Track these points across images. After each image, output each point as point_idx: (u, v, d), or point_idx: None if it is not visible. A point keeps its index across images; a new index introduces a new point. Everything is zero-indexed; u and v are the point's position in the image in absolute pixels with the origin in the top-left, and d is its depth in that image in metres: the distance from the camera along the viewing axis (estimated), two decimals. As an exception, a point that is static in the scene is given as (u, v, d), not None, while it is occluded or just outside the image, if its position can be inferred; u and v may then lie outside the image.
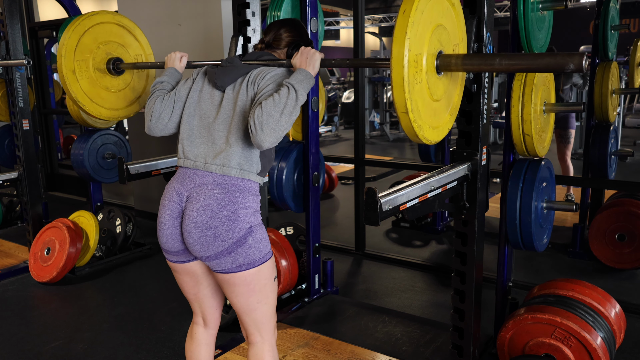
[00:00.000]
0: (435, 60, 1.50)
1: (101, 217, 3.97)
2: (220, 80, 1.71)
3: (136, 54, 2.79)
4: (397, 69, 1.34)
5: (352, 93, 11.49)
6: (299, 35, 1.91)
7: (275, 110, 1.52)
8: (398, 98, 1.37)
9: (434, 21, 1.46)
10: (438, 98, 1.56)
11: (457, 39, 1.64)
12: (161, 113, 1.80)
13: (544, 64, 1.41)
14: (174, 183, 1.70)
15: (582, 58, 1.30)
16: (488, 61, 1.52)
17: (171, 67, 1.99)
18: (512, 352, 2.17)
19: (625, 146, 8.06)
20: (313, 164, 2.97)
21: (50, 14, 8.60)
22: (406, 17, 1.34)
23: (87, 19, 2.56)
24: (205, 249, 1.60)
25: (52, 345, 2.73)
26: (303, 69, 1.66)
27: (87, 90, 2.58)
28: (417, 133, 1.45)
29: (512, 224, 2.25)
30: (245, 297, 1.67)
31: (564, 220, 4.58)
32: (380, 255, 3.91)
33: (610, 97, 3.51)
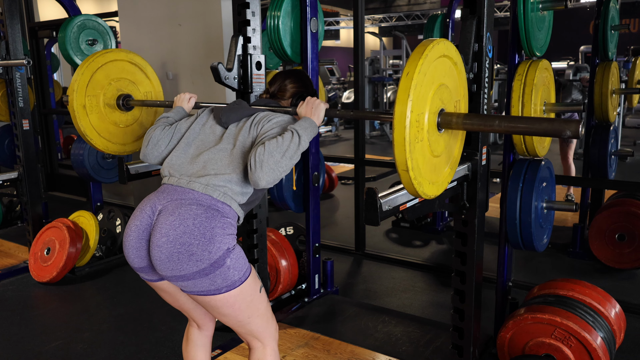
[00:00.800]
0: (437, 118, 1.53)
1: (101, 217, 3.97)
2: (225, 117, 1.73)
3: (146, 91, 2.84)
4: (399, 129, 1.37)
5: (352, 93, 11.49)
6: (304, 86, 1.96)
7: (277, 151, 1.53)
8: (399, 157, 1.39)
9: (437, 81, 1.50)
10: (438, 154, 1.59)
11: (459, 96, 1.68)
12: (158, 141, 1.81)
13: (542, 129, 1.44)
14: (152, 196, 1.63)
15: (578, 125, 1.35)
16: (488, 122, 1.55)
17: (179, 106, 2.03)
18: (512, 352, 2.17)
19: (625, 146, 8.06)
20: (313, 164, 2.97)
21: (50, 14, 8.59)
22: (409, 79, 1.37)
23: (102, 56, 2.64)
24: (178, 267, 1.49)
25: (52, 345, 2.73)
26: (308, 118, 1.71)
27: (96, 125, 2.65)
28: (417, 189, 1.48)
29: (512, 224, 2.25)
30: (234, 317, 1.62)
31: (564, 220, 4.58)
32: (380, 255, 3.91)
33: (610, 97, 3.51)
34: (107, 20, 4.99)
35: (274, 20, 2.88)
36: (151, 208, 1.58)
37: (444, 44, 1.49)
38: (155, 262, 1.52)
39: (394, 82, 11.05)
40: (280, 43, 2.91)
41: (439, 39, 1.48)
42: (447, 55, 1.54)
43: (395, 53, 12.64)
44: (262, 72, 2.56)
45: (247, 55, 2.51)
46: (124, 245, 1.61)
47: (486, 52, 1.91)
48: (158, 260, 1.51)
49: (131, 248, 1.59)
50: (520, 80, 2.19)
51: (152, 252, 1.52)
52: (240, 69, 2.52)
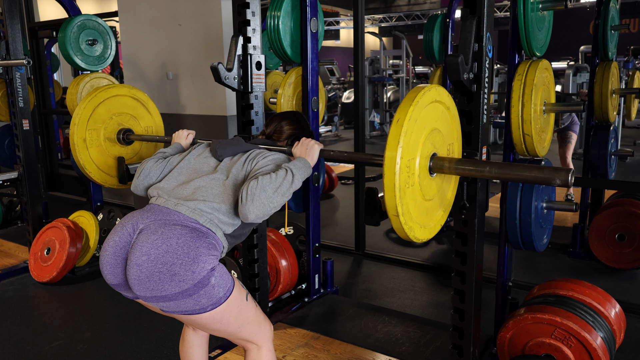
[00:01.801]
0: (429, 162, 1.55)
1: (101, 217, 3.97)
2: (221, 150, 1.75)
3: (147, 126, 2.87)
4: (389, 175, 1.39)
5: (352, 93, 11.48)
6: (300, 128, 1.98)
7: (270, 187, 1.53)
8: (389, 202, 1.41)
9: (429, 126, 1.52)
10: (430, 198, 1.60)
11: (452, 139, 1.69)
12: (150, 172, 1.82)
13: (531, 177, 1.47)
14: (135, 213, 1.59)
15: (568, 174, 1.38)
16: (479, 168, 1.57)
17: (177, 142, 2.05)
18: (512, 352, 2.17)
19: (625, 146, 8.06)
20: (313, 164, 2.97)
21: (50, 14, 8.59)
22: (399, 126, 1.39)
23: (104, 91, 2.67)
24: (159, 287, 1.43)
25: (52, 345, 2.73)
26: (303, 158, 1.73)
27: (96, 158, 2.69)
28: (408, 234, 1.49)
29: (512, 224, 2.25)
30: (223, 330, 1.61)
31: (564, 220, 4.58)
32: (380, 255, 3.91)
33: (610, 97, 3.51)
34: (107, 20, 5.00)
35: (274, 20, 2.88)
36: (132, 226, 1.54)
37: (435, 90, 1.50)
38: (133, 282, 1.46)
39: (394, 82, 11.05)
40: (280, 43, 2.91)
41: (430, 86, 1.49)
42: (439, 100, 1.55)
43: (395, 53, 12.63)
44: (262, 72, 2.56)
45: (247, 55, 2.51)
46: (100, 260, 1.56)
47: (486, 52, 1.91)
48: (137, 279, 1.44)
49: (106, 264, 1.54)
50: (520, 80, 2.19)
51: (129, 270, 1.46)
52: (240, 69, 2.52)
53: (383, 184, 1.40)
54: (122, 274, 1.53)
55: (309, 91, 2.90)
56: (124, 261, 1.52)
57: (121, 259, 1.52)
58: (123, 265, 1.52)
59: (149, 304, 1.52)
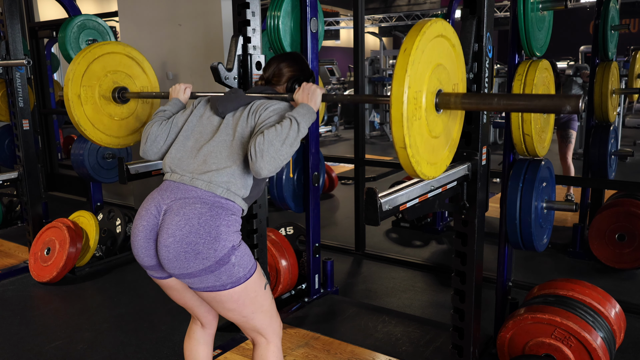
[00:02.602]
0: (435, 98, 1.52)
1: (101, 217, 3.97)
2: (222, 107, 1.73)
3: (142, 86, 2.83)
4: (397, 105, 1.36)
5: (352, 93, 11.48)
6: (299, 69, 1.93)
7: (277, 140, 1.53)
8: (397, 133, 1.38)
9: (434, 60, 1.49)
10: (437, 135, 1.58)
11: (457, 79, 1.67)
12: (157, 137, 1.81)
13: (541, 105, 1.43)
14: (155, 194, 1.64)
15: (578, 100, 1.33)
16: (486, 100, 1.54)
17: (175, 98, 2.02)
18: (512, 352, 2.17)
19: (625, 146, 8.06)
20: (313, 164, 2.97)
21: (50, 14, 8.59)
22: (407, 55, 1.36)
23: (98, 48, 2.61)
24: (185, 265, 1.53)
25: (52, 345, 2.73)
26: (305, 104, 1.69)
27: (91, 116, 2.62)
28: (415, 168, 1.47)
29: (512, 224, 2.25)
30: (238, 312, 1.64)
31: (564, 220, 4.58)
32: (380, 255, 3.91)
33: (610, 97, 3.51)
34: (107, 20, 4.99)
35: (274, 20, 2.88)
36: (156, 208, 1.60)
37: (441, 24, 1.48)
38: (163, 261, 1.56)
39: (394, 82, 11.02)
40: (280, 43, 2.91)
41: (436, 19, 1.46)
42: (445, 35, 1.52)
43: (395, 53, 12.63)
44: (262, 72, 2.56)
45: (247, 55, 2.51)
46: (133, 244, 1.64)
47: (486, 52, 1.91)
48: (166, 259, 1.54)
49: (140, 248, 1.62)
50: (520, 80, 2.19)
51: (159, 251, 1.55)
52: (240, 69, 2.52)
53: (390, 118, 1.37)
54: (155, 255, 1.61)
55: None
56: (155, 242, 1.60)
57: (152, 241, 1.60)
58: (155, 246, 1.60)
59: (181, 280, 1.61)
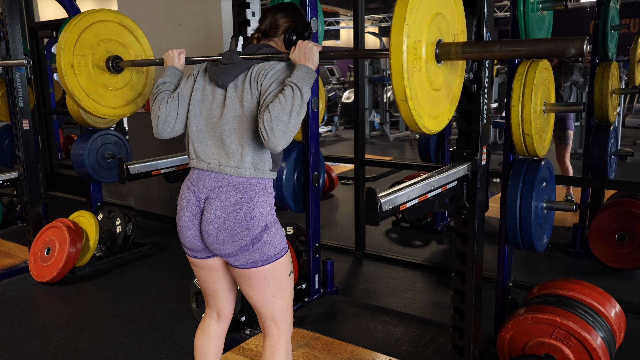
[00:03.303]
0: (435, 49, 1.48)
1: (101, 217, 3.97)
2: (221, 79, 1.71)
3: (136, 55, 2.78)
4: (396, 55, 1.32)
5: (352, 93, 11.48)
6: (296, 19, 1.88)
7: (283, 113, 1.53)
8: (397, 85, 1.35)
9: (433, 9, 1.45)
10: (438, 87, 1.54)
11: (457, 29, 1.63)
12: (167, 116, 1.80)
13: (544, 50, 1.39)
14: (190, 184, 1.74)
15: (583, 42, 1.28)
16: (488, 48, 1.50)
17: (171, 66, 1.97)
18: (512, 352, 2.17)
19: (625, 146, 8.06)
20: (313, 164, 2.97)
21: (50, 14, 8.59)
22: (405, 3, 1.32)
23: (90, 16, 2.55)
24: (224, 247, 1.66)
25: (52, 345, 2.73)
26: (303, 65, 1.65)
27: (85, 86, 2.56)
28: (417, 121, 1.44)
29: (512, 224, 2.25)
30: (261, 291, 1.71)
31: (564, 220, 4.58)
32: (380, 255, 3.91)
33: (610, 97, 3.51)
34: (107, 20, 4.99)
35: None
36: (196, 198, 1.71)
37: None
38: (207, 244, 1.72)
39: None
40: (280, 43, 2.90)
41: None
42: None
43: (395, 53, 12.62)
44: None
45: (247, 55, 2.51)
46: (180, 232, 1.77)
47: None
48: (208, 243, 1.70)
49: (189, 236, 1.75)
50: (520, 80, 2.19)
51: (203, 237, 1.71)
52: (240, 69, 2.51)
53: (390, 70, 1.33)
54: (201, 240, 1.74)
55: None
56: (199, 228, 1.73)
57: (197, 227, 1.74)
58: (199, 231, 1.73)
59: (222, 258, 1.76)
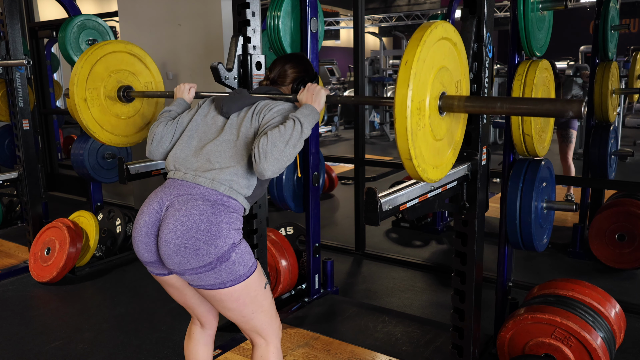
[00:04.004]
0: (438, 102, 1.52)
1: (101, 217, 3.97)
2: (226, 107, 1.73)
3: (146, 82, 2.83)
4: (400, 120, 1.35)
5: (352, 93, 11.49)
6: (304, 70, 1.94)
7: (280, 141, 1.53)
8: (402, 146, 1.39)
9: (437, 65, 1.48)
10: (441, 137, 1.58)
11: (460, 75, 1.66)
12: (162, 137, 1.81)
13: (544, 110, 1.43)
14: (158, 191, 1.65)
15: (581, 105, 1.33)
16: (490, 104, 1.54)
17: (180, 98, 2.02)
18: (512, 352, 2.17)
19: (625, 146, 8.06)
20: (313, 164, 2.97)
21: (50, 14, 8.59)
22: (408, 68, 1.35)
23: (100, 49, 2.62)
24: (185, 261, 1.52)
25: (52, 345, 2.73)
26: (309, 105, 1.69)
27: (98, 118, 2.64)
28: (422, 176, 1.47)
29: (512, 224, 2.25)
30: (238, 311, 1.64)
31: (564, 220, 4.58)
32: (380, 255, 3.91)
33: (610, 97, 3.51)
34: (107, 20, 4.99)
35: (274, 20, 2.88)
36: (158, 203, 1.61)
37: (442, 27, 1.46)
38: (164, 257, 1.56)
39: (393, 82, 11.04)
40: (280, 43, 2.91)
41: (436, 22, 1.44)
42: (446, 37, 1.50)
43: (395, 53, 12.64)
44: (262, 72, 2.56)
45: (247, 55, 2.51)
46: (134, 240, 1.64)
47: (486, 52, 1.91)
48: (166, 254, 1.54)
49: (141, 243, 1.62)
50: (520, 80, 2.19)
51: (160, 247, 1.55)
52: (240, 69, 2.52)
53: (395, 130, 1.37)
54: (156, 251, 1.61)
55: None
56: (156, 238, 1.60)
57: (153, 236, 1.60)
58: (155, 242, 1.60)
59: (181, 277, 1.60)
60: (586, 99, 1.34)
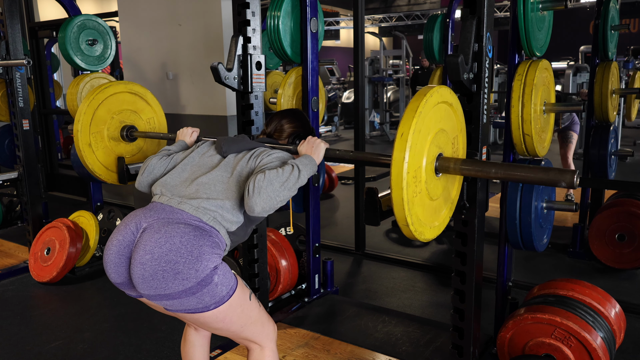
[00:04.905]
0: (435, 164, 1.54)
1: (101, 217, 3.97)
2: (226, 147, 1.74)
3: (148, 118, 2.87)
4: (397, 191, 1.38)
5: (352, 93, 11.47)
6: (300, 126, 1.97)
7: (277, 180, 1.54)
8: (399, 214, 1.42)
9: (433, 130, 1.50)
10: (437, 197, 1.61)
11: (456, 132, 1.69)
12: (154, 169, 1.83)
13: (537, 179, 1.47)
14: (139, 212, 1.60)
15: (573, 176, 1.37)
16: (485, 169, 1.57)
17: (182, 140, 2.05)
18: (512, 352, 2.17)
19: (625, 146, 8.06)
20: (313, 164, 2.97)
21: (50, 14, 8.59)
22: (404, 140, 1.37)
23: (101, 93, 2.66)
24: (162, 286, 1.44)
25: (52, 345, 2.73)
26: (309, 155, 1.72)
27: (103, 159, 2.69)
28: (419, 238, 1.51)
29: (512, 224, 2.25)
30: (226, 330, 1.61)
31: (564, 220, 4.58)
32: (380, 255, 3.91)
33: (610, 97, 3.51)
34: (107, 20, 5.00)
35: (274, 20, 2.88)
36: (136, 224, 1.54)
37: (437, 93, 1.48)
38: (137, 280, 1.46)
39: (393, 82, 11.05)
40: (280, 43, 2.91)
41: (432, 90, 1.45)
42: (443, 101, 1.54)
43: (395, 53, 12.63)
44: (262, 72, 2.56)
45: (247, 55, 2.51)
46: (104, 259, 1.57)
47: (486, 52, 1.91)
48: (141, 278, 1.45)
49: (110, 263, 1.55)
50: (520, 80, 2.19)
51: (133, 269, 1.46)
52: (240, 69, 2.52)
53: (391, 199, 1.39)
54: (126, 272, 1.53)
55: (309, 91, 2.90)
56: (128, 260, 1.52)
57: (125, 257, 1.52)
58: (127, 264, 1.52)
59: (153, 302, 1.52)
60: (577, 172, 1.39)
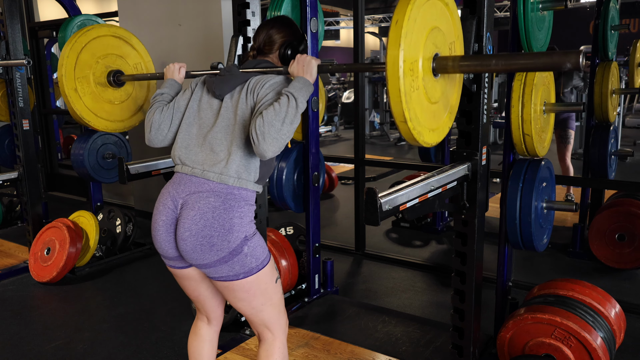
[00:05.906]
0: (432, 64, 1.49)
1: (101, 217, 3.97)
2: (218, 89, 1.72)
3: (135, 63, 2.80)
4: (393, 80, 1.32)
5: (352, 93, 11.48)
6: (290, 33, 1.89)
7: (276, 120, 1.52)
8: (396, 109, 1.36)
9: (429, 25, 1.44)
10: (436, 100, 1.55)
11: (453, 37, 1.63)
12: (160, 124, 1.81)
13: (540, 64, 1.41)
14: (169, 188, 1.68)
15: (578, 56, 1.29)
16: (485, 62, 1.52)
17: (170, 79, 2.00)
18: (512, 352, 2.17)
19: (625, 146, 8.06)
20: (313, 164, 2.97)
21: (50, 14, 8.59)
22: (399, 27, 1.32)
23: (83, 36, 2.56)
24: (201, 257, 1.60)
25: (52, 345, 2.73)
26: (301, 77, 1.67)
27: (91, 106, 2.61)
28: (417, 139, 1.45)
29: (512, 224, 2.25)
30: (248, 302, 1.68)
31: (564, 220, 4.58)
32: (380, 255, 3.91)
33: (610, 97, 3.51)
34: (107, 20, 5.00)
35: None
36: (173, 202, 1.65)
37: None
38: (183, 253, 1.64)
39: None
40: (280, 43, 2.90)
41: None
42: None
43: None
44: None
45: (247, 55, 2.50)
46: (154, 238, 1.70)
47: (486, 52, 1.91)
48: (184, 251, 1.62)
49: (162, 241, 1.68)
50: (520, 80, 2.19)
51: (178, 244, 1.63)
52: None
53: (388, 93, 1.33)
54: (175, 247, 1.68)
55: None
56: (175, 235, 1.66)
57: (172, 234, 1.66)
58: (175, 238, 1.66)
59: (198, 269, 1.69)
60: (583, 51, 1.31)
